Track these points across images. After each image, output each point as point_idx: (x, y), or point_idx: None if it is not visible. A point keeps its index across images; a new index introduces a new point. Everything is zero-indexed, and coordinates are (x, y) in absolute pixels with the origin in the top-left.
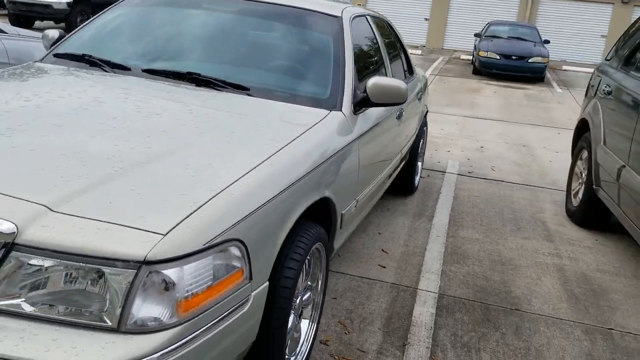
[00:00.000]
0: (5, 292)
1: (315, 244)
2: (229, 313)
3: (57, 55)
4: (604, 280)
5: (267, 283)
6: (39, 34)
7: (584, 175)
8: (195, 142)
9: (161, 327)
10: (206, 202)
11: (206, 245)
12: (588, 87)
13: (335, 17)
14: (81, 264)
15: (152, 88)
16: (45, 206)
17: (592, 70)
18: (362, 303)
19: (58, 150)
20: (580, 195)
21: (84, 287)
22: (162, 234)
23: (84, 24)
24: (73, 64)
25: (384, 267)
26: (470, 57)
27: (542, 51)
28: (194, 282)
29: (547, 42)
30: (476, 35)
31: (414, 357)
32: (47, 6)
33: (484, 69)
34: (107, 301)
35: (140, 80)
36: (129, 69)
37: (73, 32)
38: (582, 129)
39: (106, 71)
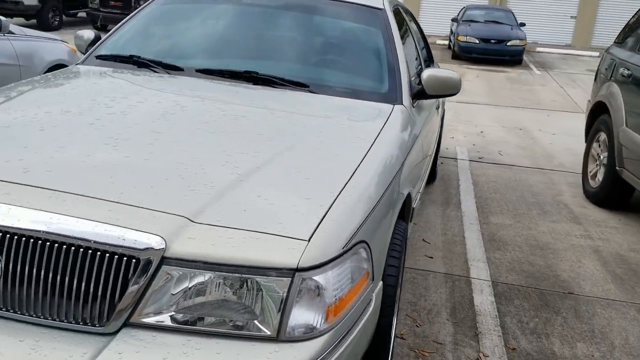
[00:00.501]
0: (157, 307)
1: (405, 239)
2: (361, 315)
3: (100, 57)
4: (639, 260)
5: (382, 282)
6: (45, 34)
7: (602, 157)
8: (293, 144)
9: (316, 334)
10: (331, 206)
11: (344, 249)
12: (598, 71)
13: (380, 9)
14: (232, 274)
15: (219, 89)
16: (186, 217)
17: (564, 51)
18: (422, 295)
19: (171, 158)
20: (599, 176)
21: (236, 298)
22: (305, 240)
23: (121, 23)
24: (119, 65)
25: (431, 257)
26: (446, 42)
27: (519, 34)
28: (338, 287)
29: (523, 24)
30: (453, 20)
31: (489, 347)
32: (18, 3)
33: (464, 54)
34: (261, 310)
35: (200, 81)
36: (182, 69)
37: (111, 32)
38: (597, 111)
39: (156, 72)
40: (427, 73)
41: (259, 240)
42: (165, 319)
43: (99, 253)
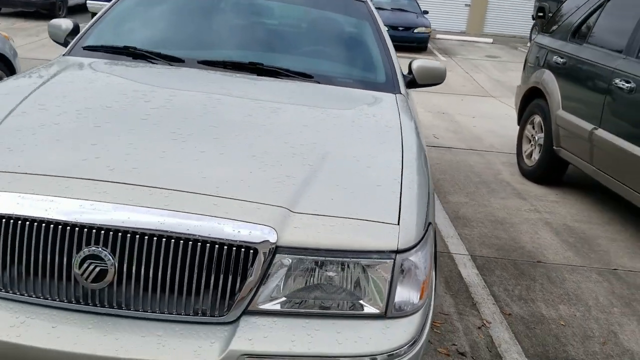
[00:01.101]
0: (271, 294)
1: None
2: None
3: (88, 48)
4: (584, 229)
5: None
6: None
7: (537, 137)
8: (338, 134)
9: (415, 309)
10: (401, 191)
11: (425, 231)
12: (527, 59)
13: (363, 1)
14: (339, 259)
15: (235, 81)
16: (286, 208)
17: (461, 38)
18: None
19: (243, 152)
20: (534, 155)
21: (343, 280)
22: (396, 224)
23: (104, 10)
24: (110, 57)
25: None
26: None
27: (424, 21)
28: (425, 265)
29: (426, 12)
30: None
31: (489, 314)
32: None
33: None
34: (368, 291)
35: (209, 73)
36: (183, 61)
37: (94, 21)
38: (530, 96)
39: (154, 63)
40: (417, 63)
41: (357, 226)
42: (279, 304)
43: (216, 246)
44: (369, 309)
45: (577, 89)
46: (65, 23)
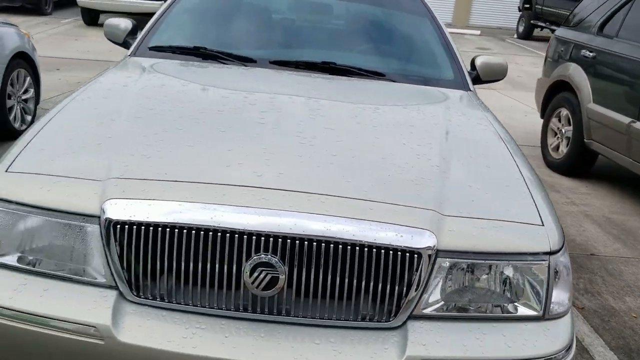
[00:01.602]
0: (431, 298)
1: None
2: None
3: (154, 49)
4: (623, 221)
5: None
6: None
7: (564, 130)
8: (441, 133)
9: (567, 309)
10: (530, 191)
11: (562, 230)
12: (548, 53)
13: None
14: (495, 261)
15: (316, 82)
16: (436, 211)
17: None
18: None
19: (372, 153)
20: (562, 148)
21: (498, 283)
22: (542, 226)
23: (162, 10)
24: (179, 57)
25: None
26: None
27: None
28: (569, 265)
29: None
30: None
31: None
32: None
33: None
34: (524, 292)
35: (285, 73)
36: (255, 61)
37: (154, 20)
38: (555, 90)
39: (225, 64)
40: (480, 60)
41: (507, 228)
42: (439, 309)
43: (382, 251)
44: (525, 310)
45: (610, 82)
46: (124, 23)
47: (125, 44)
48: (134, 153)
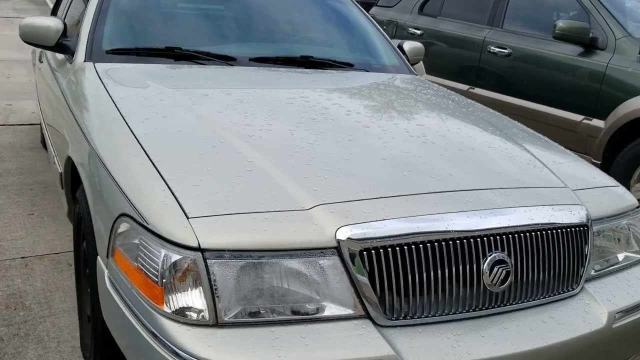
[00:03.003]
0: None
1: None
2: None
3: (112, 52)
4: None
5: None
6: None
7: None
8: (459, 116)
9: None
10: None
11: None
12: None
13: None
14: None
15: (319, 79)
16: (567, 187)
17: None
18: None
19: (460, 142)
20: None
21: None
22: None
23: (96, 8)
24: (145, 59)
25: None
26: None
27: None
28: None
29: None
30: None
31: None
32: None
33: None
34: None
35: (276, 71)
36: (235, 59)
37: (91, 20)
38: None
39: (202, 64)
40: (409, 44)
41: (608, 193)
42: (593, 271)
43: (562, 231)
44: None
45: (439, 56)
46: (54, 22)
47: (61, 48)
48: (319, 174)
